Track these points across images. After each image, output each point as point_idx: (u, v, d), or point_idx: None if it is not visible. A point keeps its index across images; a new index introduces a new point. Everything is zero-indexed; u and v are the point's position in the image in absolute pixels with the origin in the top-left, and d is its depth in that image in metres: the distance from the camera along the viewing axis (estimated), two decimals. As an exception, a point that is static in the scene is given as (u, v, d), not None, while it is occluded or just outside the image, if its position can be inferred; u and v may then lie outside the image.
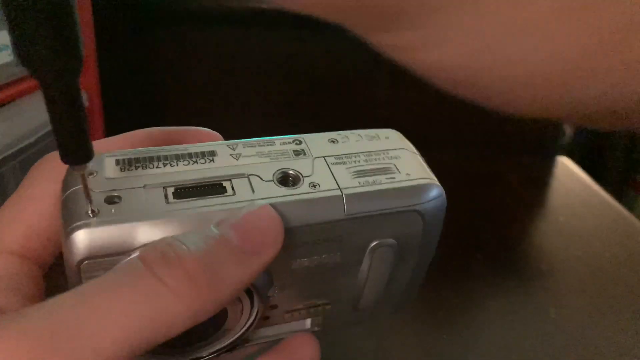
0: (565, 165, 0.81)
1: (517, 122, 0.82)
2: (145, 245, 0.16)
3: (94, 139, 0.19)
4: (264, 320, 0.21)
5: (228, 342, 0.20)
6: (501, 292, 0.53)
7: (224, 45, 0.78)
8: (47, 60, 0.13)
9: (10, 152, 0.53)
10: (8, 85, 0.54)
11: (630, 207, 0.69)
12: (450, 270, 0.53)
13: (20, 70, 0.54)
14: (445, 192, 0.20)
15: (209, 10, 0.76)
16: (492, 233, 0.62)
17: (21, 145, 0.54)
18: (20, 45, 0.12)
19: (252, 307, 0.19)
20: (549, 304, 0.51)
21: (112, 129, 0.68)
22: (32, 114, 0.56)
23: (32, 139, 0.55)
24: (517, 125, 0.83)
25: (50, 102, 0.14)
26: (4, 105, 0.55)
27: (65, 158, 0.15)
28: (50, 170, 0.19)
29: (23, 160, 0.55)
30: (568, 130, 0.89)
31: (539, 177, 0.78)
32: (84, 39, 0.13)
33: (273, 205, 0.17)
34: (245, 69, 0.80)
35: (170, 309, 0.14)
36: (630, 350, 0.45)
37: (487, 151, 0.82)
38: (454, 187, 0.24)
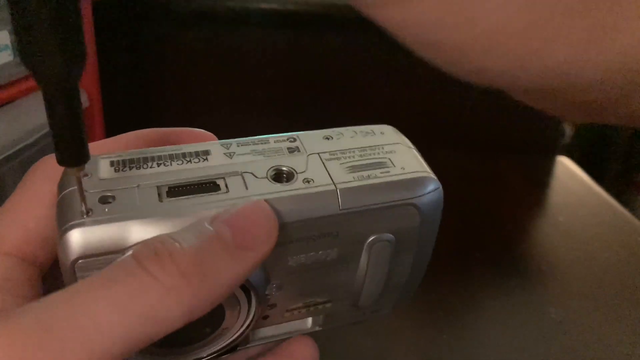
0: (565, 165, 0.81)
1: (517, 122, 0.82)
2: (138, 243, 0.16)
3: (94, 140, 0.19)
4: (263, 319, 0.21)
5: (227, 342, 0.20)
6: (501, 292, 0.53)
7: (224, 46, 0.78)
8: (50, 62, 0.13)
9: (10, 152, 0.53)
10: (8, 85, 0.54)
11: (630, 207, 0.68)
12: (450, 270, 0.53)
13: (20, 71, 0.54)
14: (445, 192, 0.20)
15: (209, 10, 0.76)
16: (492, 233, 0.62)
17: (21, 146, 0.54)
18: (23, 45, 0.12)
19: (249, 305, 0.19)
20: (549, 304, 0.50)
21: (112, 129, 0.69)
22: (32, 114, 0.56)
23: (32, 139, 0.55)
24: (518, 125, 0.83)
25: (49, 104, 0.14)
26: (4, 105, 0.55)
27: (61, 160, 0.15)
28: (48, 172, 0.19)
29: (23, 160, 0.55)
30: (568, 130, 0.89)
31: (539, 177, 0.78)
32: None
33: (267, 201, 0.17)
34: (244, 69, 0.80)
35: (164, 305, 0.14)
36: (631, 350, 0.45)
37: (487, 151, 0.82)
38: (454, 187, 0.24)
